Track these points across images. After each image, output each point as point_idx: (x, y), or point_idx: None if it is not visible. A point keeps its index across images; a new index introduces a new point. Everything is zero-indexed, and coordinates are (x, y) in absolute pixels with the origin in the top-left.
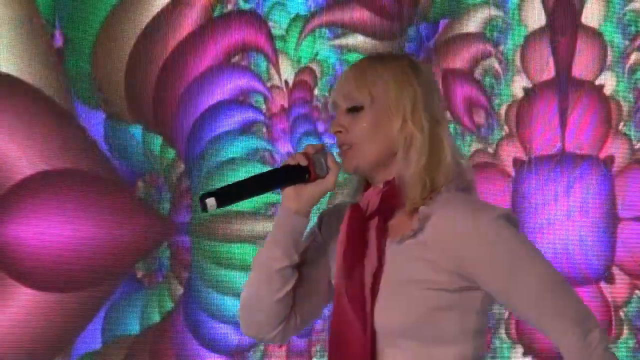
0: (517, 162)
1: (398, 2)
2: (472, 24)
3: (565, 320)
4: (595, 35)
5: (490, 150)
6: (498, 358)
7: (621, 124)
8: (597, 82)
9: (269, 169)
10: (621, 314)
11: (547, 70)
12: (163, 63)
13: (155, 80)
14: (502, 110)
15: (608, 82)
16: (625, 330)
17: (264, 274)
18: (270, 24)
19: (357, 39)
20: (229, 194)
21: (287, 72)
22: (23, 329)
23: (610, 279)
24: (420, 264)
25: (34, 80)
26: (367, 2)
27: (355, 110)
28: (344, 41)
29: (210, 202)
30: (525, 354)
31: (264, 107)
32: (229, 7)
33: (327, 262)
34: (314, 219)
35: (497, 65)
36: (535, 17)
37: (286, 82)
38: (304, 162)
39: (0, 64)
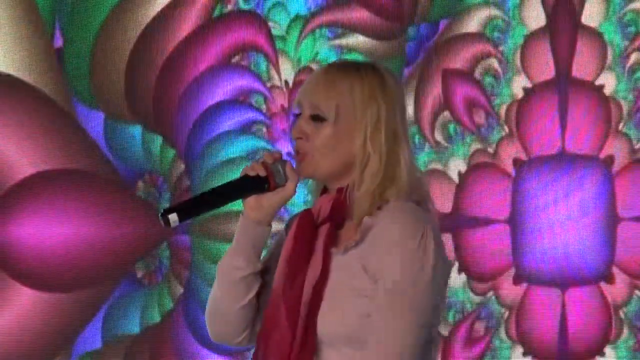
0: (517, 162)
1: (398, 2)
2: (472, 24)
3: (388, 349)
4: (595, 35)
5: (490, 150)
6: (498, 358)
7: (621, 124)
8: (597, 82)
9: (229, 180)
10: (621, 314)
11: (547, 70)
12: (163, 63)
13: (155, 80)
14: (502, 110)
15: (608, 82)
16: (625, 330)
17: (227, 283)
18: (270, 24)
19: (357, 39)
20: (190, 209)
21: (287, 72)
22: (23, 329)
23: (610, 279)
24: (361, 274)
25: (34, 80)
26: (367, 2)
27: (318, 119)
28: (344, 41)
29: (173, 217)
30: (525, 354)
31: (264, 107)
32: (229, 7)
33: None
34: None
35: (497, 65)
36: (535, 17)
37: (286, 82)
38: (262, 173)
39: (0, 64)
